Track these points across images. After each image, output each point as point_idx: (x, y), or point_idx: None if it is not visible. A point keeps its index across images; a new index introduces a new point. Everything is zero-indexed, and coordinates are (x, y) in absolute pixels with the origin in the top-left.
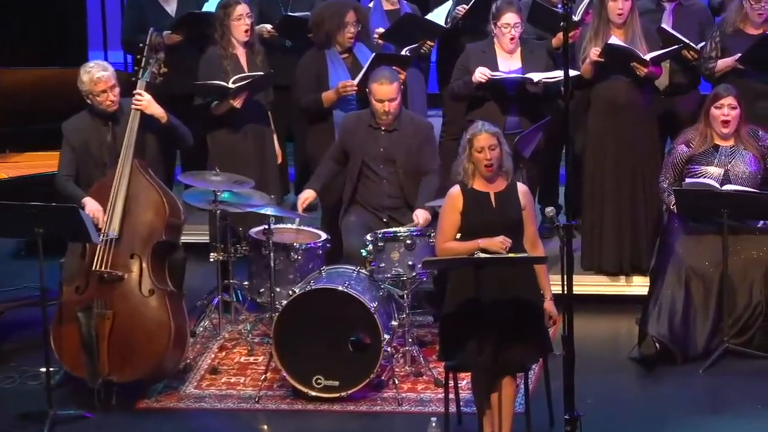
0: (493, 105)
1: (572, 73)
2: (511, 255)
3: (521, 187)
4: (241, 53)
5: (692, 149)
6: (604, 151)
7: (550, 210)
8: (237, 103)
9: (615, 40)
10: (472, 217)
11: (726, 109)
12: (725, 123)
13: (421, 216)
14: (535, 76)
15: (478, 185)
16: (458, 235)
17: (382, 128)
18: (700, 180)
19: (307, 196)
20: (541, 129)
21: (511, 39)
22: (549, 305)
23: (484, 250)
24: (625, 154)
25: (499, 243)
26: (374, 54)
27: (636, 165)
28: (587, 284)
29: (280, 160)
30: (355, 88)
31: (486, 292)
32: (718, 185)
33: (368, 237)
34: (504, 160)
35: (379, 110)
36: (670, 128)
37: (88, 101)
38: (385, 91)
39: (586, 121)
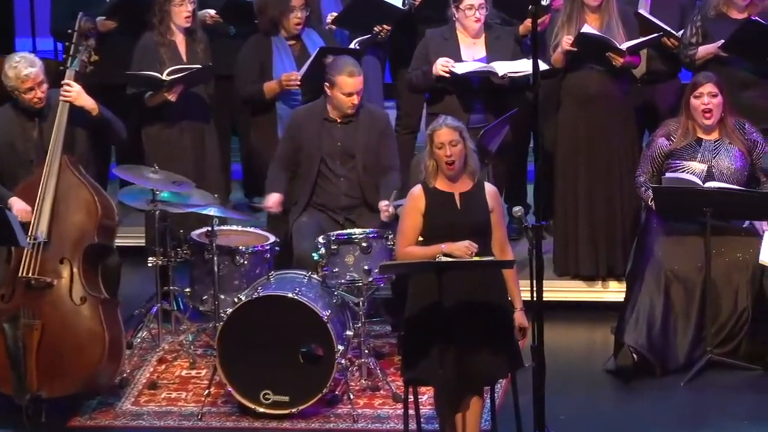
0: (455, 98)
1: (542, 66)
2: (475, 258)
3: (489, 188)
4: (180, 41)
5: (673, 143)
6: (577, 145)
7: (517, 209)
8: (172, 97)
9: (589, 28)
10: (434, 220)
11: (706, 98)
12: (707, 113)
13: (387, 207)
14: (500, 68)
15: (442, 185)
16: (420, 239)
17: (338, 121)
18: (681, 175)
19: (276, 197)
20: (507, 122)
21: (476, 21)
22: (519, 316)
23: (448, 255)
24: (599, 148)
25: (464, 248)
26: (319, 48)
27: (612, 160)
28: (559, 290)
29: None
30: (299, 82)
31: (449, 300)
32: (700, 182)
33: (320, 239)
34: (469, 158)
35: (345, 104)
36: (648, 120)
37: (13, 96)
38: (355, 83)
39: (556, 113)
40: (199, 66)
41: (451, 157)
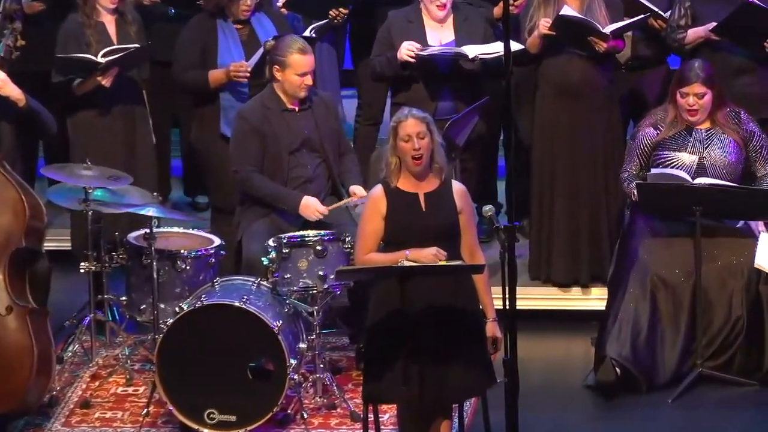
0: (421, 86)
1: (515, 46)
2: (441, 263)
3: (457, 186)
4: (109, 21)
5: (661, 132)
6: (555, 138)
7: (488, 209)
8: (106, 81)
9: (569, 10)
10: (397, 223)
11: (691, 99)
12: (692, 113)
13: (360, 190)
14: (471, 51)
15: (405, 184)
16: (382, 245)
17: (297, 110)
18: (668, 171)
19: (315, 204)
20: (476, 112)
21: (440, 7)
22: (492, 327)
23: (413, 262)
24: (580, 140)
25: (431, 255)
26: (265, 43)
27: (594, 154)
28: (534, 297)
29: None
30: (248, 74)
31: (414, 309)
32: (689, 177)
33: (270, 242)
34: (435, 154)
35: (296, 85)
36: (634, 110)
37: None
38: (308, 61)
39: (532, 103)
40: (137, 45)
41: (419, 150)
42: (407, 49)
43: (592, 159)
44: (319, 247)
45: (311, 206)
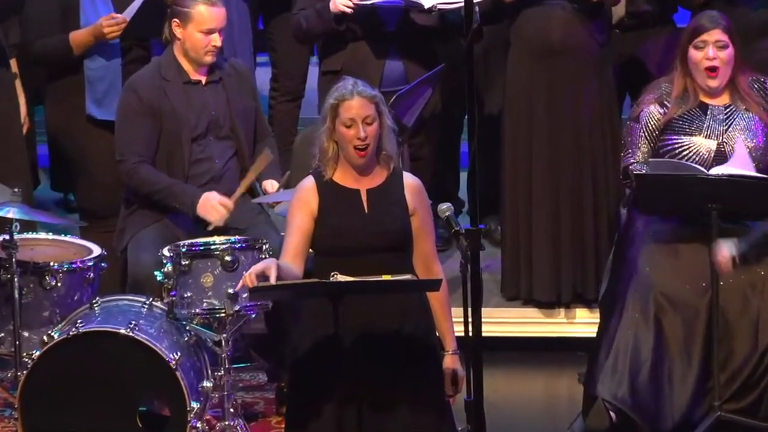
0: (362, 48)
1: None
2: (385, 278)
3: (410, 181)
4: None
5: (668, 110)
6: (532, 117)
7: (445, 207)
8: None
9: None
10: (331, 228)
11: (711, 49)
12: (712, 71)
13: (270, 185)
14: (427, 0)
15: (343, 178)
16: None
17: (203, 81)
18: (680, 162)
19: (219, 198)
20: (430, 83)
21: None
22: (451, 361)
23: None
24: (563, 120)
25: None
26: None
27: (581, 138)
28: (506, 321)
29: (26, 129)
30: (125, 28)
31: (351, 337)
32: (702, 168)
33: (165, 251)
34: (384, 140)
35: (200, 46)
36: (631, 81)
37: None
38: (216, 16)
39: (503, 72)
40: None
41: (366, 140)
42: None
43: (579, 143)
44: (228, 258)
45: (212, 200)
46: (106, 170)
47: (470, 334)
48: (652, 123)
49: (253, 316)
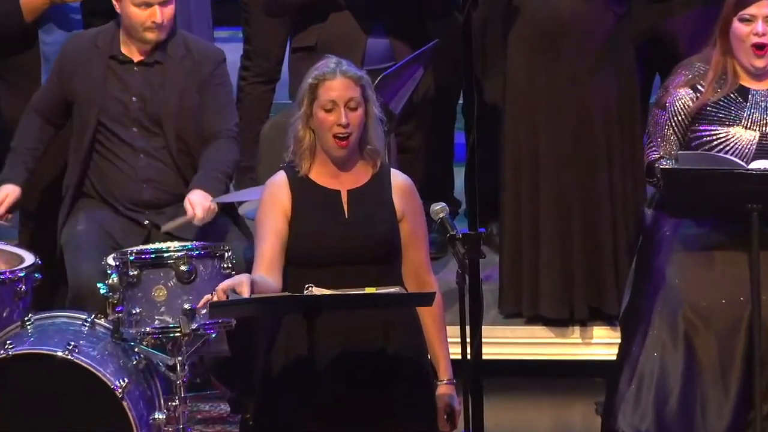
0: (341, 20)
1: None
2: (369, 290)
3: (399, 180)
4: None
5: (701, 95)
6: (537, 105)
7: (439, 208)
8: None
9: None
10: (305, 235)
11: (761, 24)
12: (759, 49)
13: (197, 203)
14: None
15: (321, 175)
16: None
17: (135, 61)
18: (715, 155)
19: (7, 193)
20: (421, 62)
21: None
22: (445, 391)
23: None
24: (575, 109)
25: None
26: None
27: (594, 128)
28: (509, 342)
29: None
30: None
31: (328, 361)
32: (741, 162)
33: (110, 260)
34: (370, 131)
35: (138, 22)
36: (658, 63)
37: None
38: None
39: (504, 51)
40: None
41: (348, 127)
42: None
43: (593, 134)
44: (183, 268)
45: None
46: (56, 161)
47: (468, 356)
48: (682, 110)
49: (214, 335)
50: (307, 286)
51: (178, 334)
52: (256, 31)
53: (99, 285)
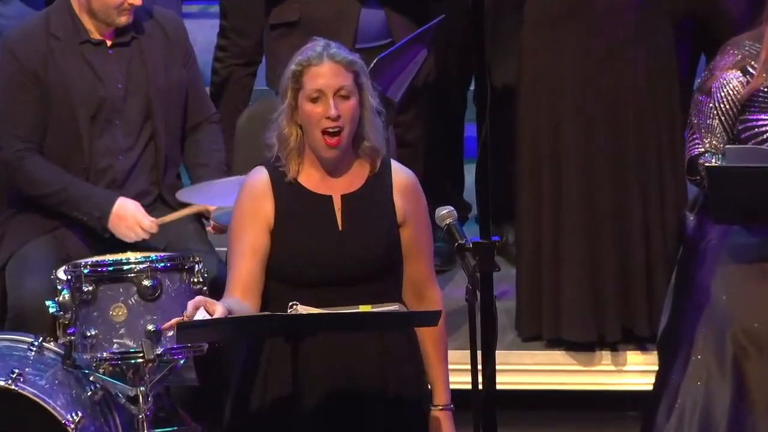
0: None
1: None
2: (363, 309)
3: (401, 177)
4: None
5: (752, 79)
6: (559, 92)
7: (445, 213)
8: None
9: None
10: (290, 248)
11: None
12: None
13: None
14: None
15: (310, 178)
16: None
17: (109, 43)
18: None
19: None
20: (424, 42)
21: None
22: (441, 420)
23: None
24: (601, 100)
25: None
26: None
27: (626, 119)
28: (528, 370)
29: None
30: None
31: (314, 391)
32: None
33: (60, 273)
34: (366, 125)
35: (116, 4)
36: (703, 44)
37: None
38: None
39: (517, 29)
40: None
41: (339, 121)
42: None
43: (623, 128)
44: (147, 282)
45: (130, 216)
46: None
47: (480, 386)
48: (730, 97)
49: (182, 362)
50: (291, 303)
51: (140, 361)
52: (234, 3)
53: (47, 303)
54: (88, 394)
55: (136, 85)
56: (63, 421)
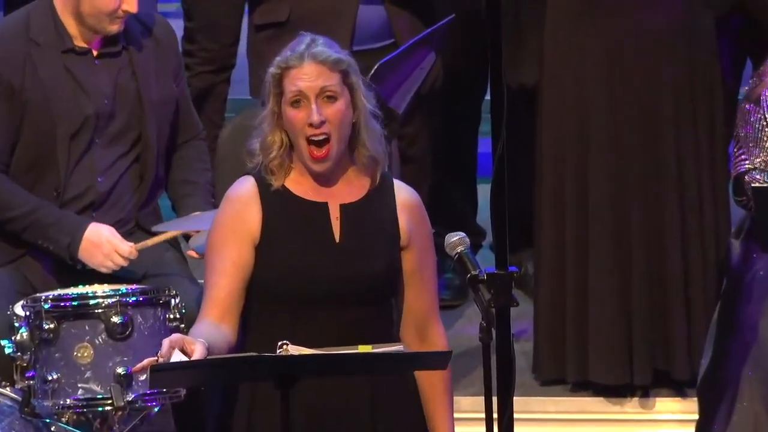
0: None
1: None
2: (363, 349)
3: (404, 196)
4: None
5: None
6: (584, 109)
7: (457, 240)
8: None
9: None
10: (278, 264)
11: None
12: None
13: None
14: None
15: (301, 184)
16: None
17: (96, 53)
18: None
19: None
20: (432, 45)
21: None
22: None
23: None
24: (633, 111)
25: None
26: None
27: (663, 134)
28: (550, 419)
29: None
30: None
31: None
32: None
33: (18, 308)
34: (362, 132)
35: (109, 10)
36: (749, 44)
37: None
38: None
39: (537, 26)
40: None
41: (323, 127)
42: None
43: (659, 143)
44: (116, 319)
45: (105, 242)
46: None
47: None
48: None
49: (157, 409)
50: (280, 343)
51: (108, 408)
52: (201, 4)
53: (2, 342)
54: None
55: (123, 100)
56: None
